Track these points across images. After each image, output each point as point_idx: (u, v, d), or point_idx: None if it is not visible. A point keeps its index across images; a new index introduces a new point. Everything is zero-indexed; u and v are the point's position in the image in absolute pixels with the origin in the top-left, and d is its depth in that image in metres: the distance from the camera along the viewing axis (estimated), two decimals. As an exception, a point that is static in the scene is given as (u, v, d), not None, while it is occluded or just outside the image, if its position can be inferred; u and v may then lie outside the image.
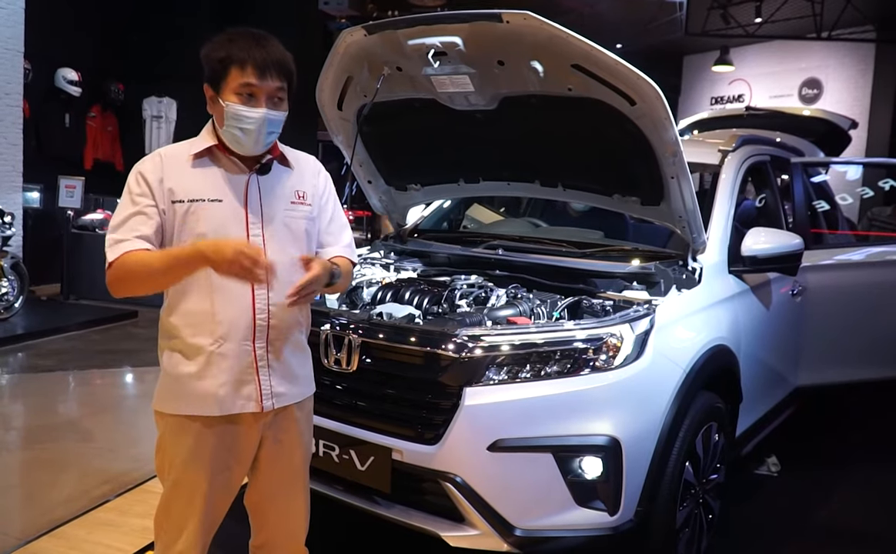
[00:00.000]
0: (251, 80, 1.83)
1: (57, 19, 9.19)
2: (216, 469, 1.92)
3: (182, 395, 1.89)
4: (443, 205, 4.22)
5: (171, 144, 1.95)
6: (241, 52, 1.83)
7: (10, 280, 7.04)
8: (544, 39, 2.53)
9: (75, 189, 8.45)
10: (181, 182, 1.86)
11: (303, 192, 2.01)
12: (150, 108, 10.51)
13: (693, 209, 2.88)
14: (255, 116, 1.84)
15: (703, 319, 2.91)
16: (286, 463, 2.05)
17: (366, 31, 2.82)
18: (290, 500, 2.09)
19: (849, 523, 3.58)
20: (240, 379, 1.89)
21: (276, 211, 1.94)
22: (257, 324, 1.89)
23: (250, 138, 1.86)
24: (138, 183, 1.85)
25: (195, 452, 1.90)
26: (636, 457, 2.45)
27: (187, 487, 1.92)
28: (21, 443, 4.39)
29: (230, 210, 1.88)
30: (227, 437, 1.92)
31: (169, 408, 1.92)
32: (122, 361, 6.21)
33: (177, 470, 1.92)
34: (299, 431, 2.07)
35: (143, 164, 1.88)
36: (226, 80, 1.84)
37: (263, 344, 1.91)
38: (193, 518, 1.92)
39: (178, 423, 1.91)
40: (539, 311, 2.82)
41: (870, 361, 4.18)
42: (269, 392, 1.94)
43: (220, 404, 1.88)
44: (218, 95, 1.86)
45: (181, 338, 1.89)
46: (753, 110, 5.52)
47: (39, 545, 3.03)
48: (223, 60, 1.84)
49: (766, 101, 11.76)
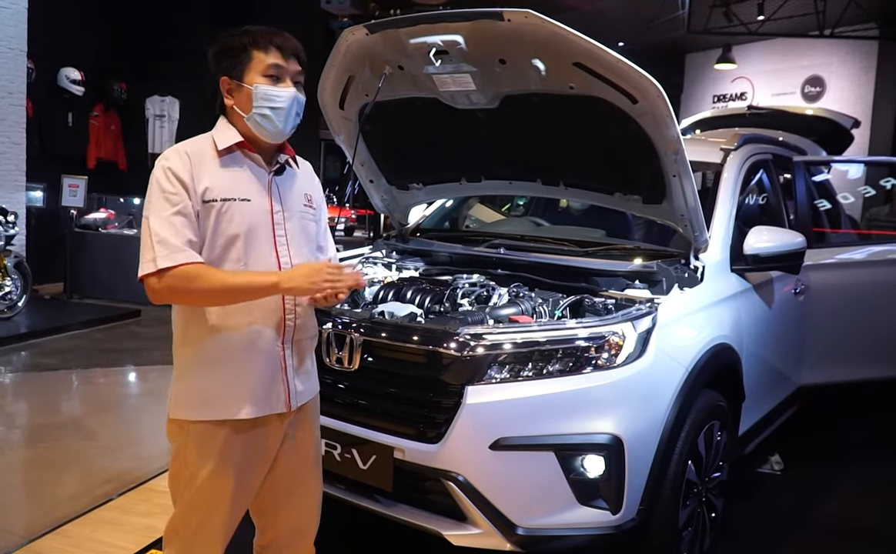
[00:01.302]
0: (278, 60, 1.85)
1: (60, 19, 9.21)
2: (242, 474, 1.89)
3: (212, 400, 1.84)
4: (445, 204, 4.22)
5: (188, 140, 1.88)
6: (262, 38, 1.86)
7: (14, 279, 7.05)
8: (546, 37, 2.53)
9: (78, 188, 8.47)
10: (213, 180, 1.82)
11: (310, 196, 2.03)
12: (153, 107, 10.53)
13: (695, 207, 2.87)
14: (286, 95, 1.86)
15: (706, 318, 2.91)
16: (301, 459, 2.05)
17: (367, 30, 2.82)
18: (304, 496, 2.08)
19: (852, 522, 3.57)
20: (271, 380, 1.89)
21: (294, 212, 1.95)
22: (286, 325, 1.90)
23: (281, 117, 1.85)
24: (170, 180, 1.78)
25: (223, 458, 1.85)
26: (638, 455, 2.45)
27: (211, 494, 1.87)
28: (24, 441, 4.40)
29: (258, 210, 1.87)
30: (255, 440, 1.90)
31: (196, 415, 1.85)
32: (125, 360, 6.23)
33: (201, 479, 1.85)
34: (311, 427, 2.08)
35: (169, 161, 1.81)
36: (250, 65, 1.85)
37: (290, 344, 1.92)
38: (215, 525, 1.89)
39: (204, 430, 1.85)
40: (541, 309, 2.82)
41: (872, 360, 4.18)
42: (295, 391, 1.94)
43: (254, 406, 1.86)
44: (241, 82, 1.85)
45: (209, 341, 1.84)
46: (755, 109, 5.51)
47: (43, 543, 3.03)
48: (245, 46, 1.85)
49: (769, 99, 11.74)
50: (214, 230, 1.81)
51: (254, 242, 1.85)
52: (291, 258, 1.91)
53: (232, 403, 1.84)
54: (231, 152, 1.88)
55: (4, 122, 7.67)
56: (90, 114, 9.99)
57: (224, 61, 1.87)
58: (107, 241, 8.74)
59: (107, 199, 9.33)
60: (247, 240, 1.83)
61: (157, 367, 6.03)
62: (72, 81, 9.35)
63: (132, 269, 6.68)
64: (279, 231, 1.89)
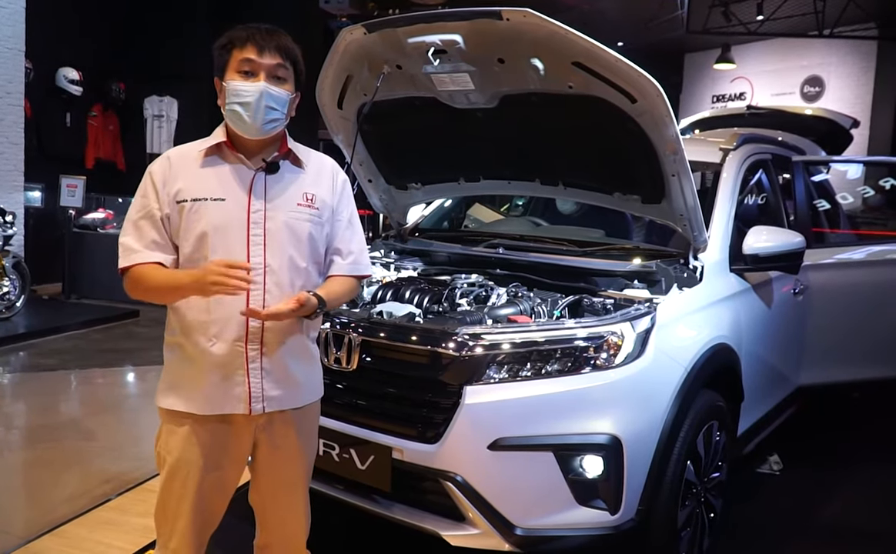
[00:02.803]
0: (250, 55, 1.86)
1: (58, 18, 9.20)
2: (208, 466, 1.93)
3: (176, 390, 1.93)
4: (443, 204, 4.21)
5: (184, 144, 1.96)
6: (242, 33, 1.89)
7: (12, 279, 7.05)
8: (544, 37, 2.52)
9: (77, 188, 8.46)
10: (187, 182, 1.87)
11: (311, 195, 1.97)
12: (152, 107, 10.51)
13: (694, 207, 2.87)
14: (253, 89, 1.85)
15: (705, 318, 2.91)
16: (285, 470, 2.04)
17: (366, 30, 2.81)
18: (289, 505, 2.08)
19: (852, 522, 3.57)
20: (230, 379, 1.88)
21: (280, 211, 1.91)
22: (250, 325, 1.87)
23: (249, 112, 1.85)
24: (146, 185, 1.90)
25: (187, 446, 1.92)
26: (637, 455, 2.45)
27: (180, 480, 1.94)
28: (23, 442, 4.39)
29: (233, 208, 1.87)
30: (219, 436, 1.93)
31: (164, 403, 1.95)
32: (123, 360, 6.22)
33: (171, 464, 1.95)
34: (299, 438, 2.03)
35: (153, 165, 1.93)
36: (229, 63, 1.88)
37: (257, 346, 1.89)
38: (185, 514, 1.94)
39: (172, 418, 1.95)
40: (540, 309, 2.82)
41: (872, 360, 4.17)
42: (260, 395, 1.90)
43: (208, 403, 1.89)
44: (223, 80, 1.89)
45: (179, 335, 1.92)
46: (755, 109, 5.51)
47: (41, 544, 3.03)
48: (226, 45, 1.89)
49: (768, 99, 11.74)
50: (186, 229, 1.87)
51: (224, 241, 1.85)
52: (266, 257, 1.88)
53: (190, 396, 1.90)
54: (214, 153, 1.91)
55: (2, 123, 7.66)
56: (88, 114, 9.98)
57: (215, 62, 1.92)
58: (105, 241, 8.72)
59: (105, 199, 9.32)
60: (215, 237, 1.85)
61: (155, 367, 6.01)
62: (70, 81, 9.34)
63: (130, 269, 6.43)
64: (255, 230, 1.88)
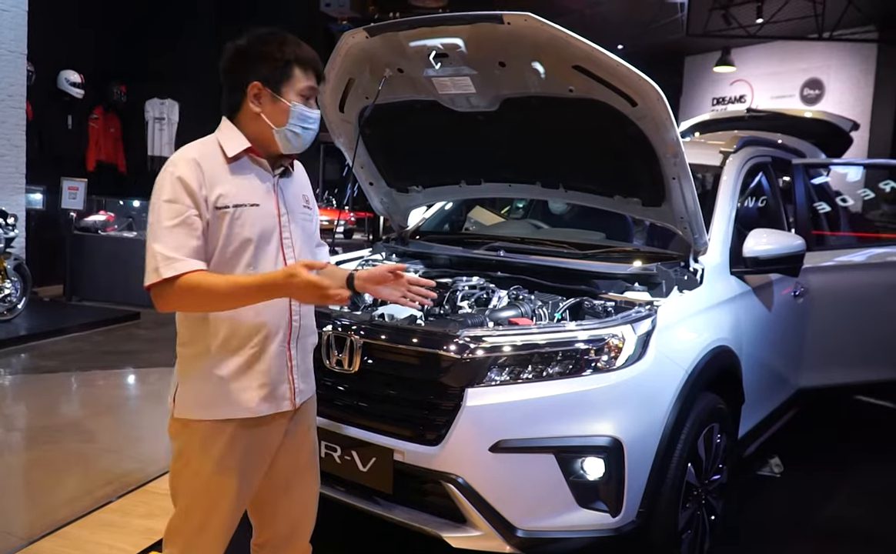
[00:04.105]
0: (314, 83, 1.93)
1: (60, 21, 9.22)
2: (244, 471, 1.91)
3: (218, 399, 1.85)
4: (444, 206, 4.22)
5: (194, 147, 1.86)
6: (304, 54, 1.91)
7: (14, 281, 7.05)
8: (545, 40, 2.53)
9: (78, 191, 8.46)
10: (223, 187, 1.81)
11: (307, 197, 2.08)
12: (153, 109, 10.54)
13: (694, 210, 2.88)
14: (317, 116, 1.95)
15: (705, 320, 2.91)
16: (298, 456, 2.07)
17: (367, 33, 2.82)
18: (301, 493, 2.10)
19: (852, 525, 3.57)
20: (278, 379, 1.92)
21: (295, 215, 1.98)
22: (293, 325, 1.94)
23: (309, 136, 1.94)
24: (176, 189, 1.77)
25: (227, 456, 1.87)
26: (638, 458, 2.45)
27: (214, 492, 1.88)
28: (24, 444, 4.40)
29: (267, 214, 1.89)
30: (259, 438, 1.93)
31: (201, 414, 1.86)
32: (124, 362, 6.22)
33: (204, 477, 1.87)
34: (309, 426, 2.11)
35: (177, 168, 1.79)
36: (289, 81, 1.88)
37: (296, 344, 1.96)
38: (218, 524, 1.90)
39: (209, 429, 1.86)
40: (541, 312, 2.83)
41: (872, 362, 4.18)
42: (299, 390, 1.98)
43: (261, 405, 1.88)
44: (278, 95, 1.87)
45: (215, 341, 1.85)
46: (755, 112, 5.51)
47: (43, 546, 3.03)
48: (288, 61, 1.87)
49: (768, 102, 11.76)
50: (227, 236, 1.82)
51: (264, 247, 1.87)
52: (296, 259, 1.94)
53: (240, 401, 1.86)
54: (239, 158, 1.88)
55: (4, 125, 7.67)
56: (90, 116, 10.01)
57: (259, 66, 1.86)
58: (106, 243, 8.74)
59: (106, 201, 9.33)
60: (258, 244, 1.85)
61: (156, 369, 6.03)
62: (71, 84, 9.35)
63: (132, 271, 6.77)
64: (286, 234, 1.93)
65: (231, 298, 1.77)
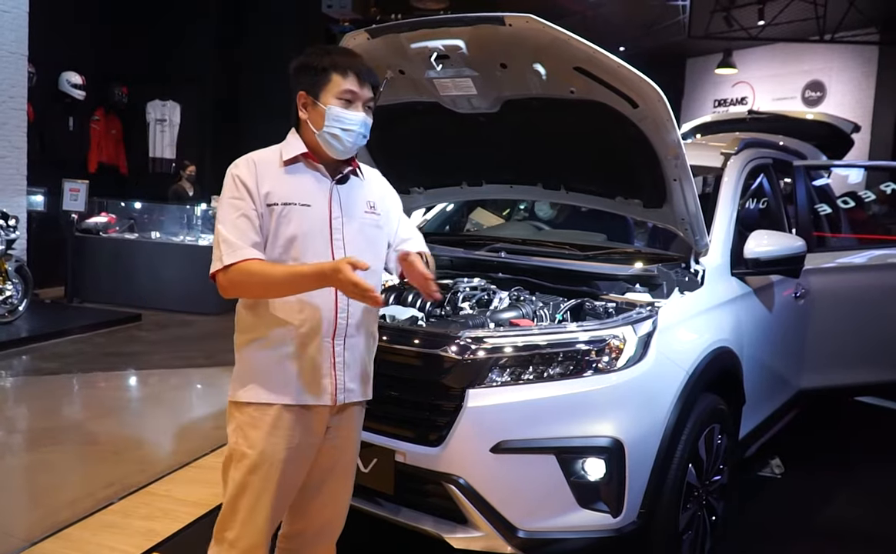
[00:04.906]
0: (353, 87, 1.98)
1: (61, 23, 9.24)
2: (289, 460, 1.99)
3: (261, 384, 1.97)
4: (446, 208, 4.23)
5: (257, 151, 2.02)
6: (344, 61, 1.99)
7: (15, 283, 7.06)
8: (546, 42, 2.54)
9: (79, 192, 8.48)
10: (274, 186, 1.96)
11: (373, 203, 2.14)
12: (154, 111, 10.56)
13: (695, 212, 2.88)
14: (357, 119, 1.99)
15: (706, 321, 2.91)
16: (338, 457, 2.13)
17: (369, 35, 2.82)
18: (333, 495, 2.16)
19: (853, 526, 3.57)
20: (318, 372, 1.99)
21: (354, 219, 2.06)
22: (338, 322, 2.00)
23: (350, 138, 1.99)
24: (237, 187, 1.95)
25: (272, 437, 1.97)
26: (639, 458, 2.45)
27: (261, 474, 1.96)
28: (26, 445, 4.40)
29: (317, 215, 1.99)
30: (303, 423, 2.00)
31: (247, 396, 1.99)
32: (126, 364, 6.23)
33: (254, 454, 1.96)
34: (354, 430, 2.16)
35: (237, 169, 1.97)
36: (327, 86, 1.98)
37: (342, 341, 2.02)
38: (263, 510, 1.98)
39: (255, 412, 1.98)
40: (542, 313, 2.83)
41: (873, 363, 4.18)
42: (343, 387, 2.03)
43: (298, 394, 1.97)
44: (317, 100, 1.98)
45: (263, 330, 1.98)
46: (756, 114, 5.51)
47: (44, 547, 3.04)
48: (326, 68, 1.98)
49: (770, 104, 11.76)
50: (275, 231, 1.96)
51: (311, 244, 1.97)
52: None
53: (279, 388, 1.97)
54: (295, 162, 2.01)
55: (6, 127, 7.68)
56: (91, 118, 10.02)
57: (304, 77, 2.01)
58: (108, 245, 8.75)
59: (108, 203, 9.33)
60: (304, 241, 1.96)
61: (157, 371, 6.03)
62: (73, 85, 9.37)
63: (133, 273, 6.81)
64: (336, 235, 2.01)
65: (285, 284, 1.91)
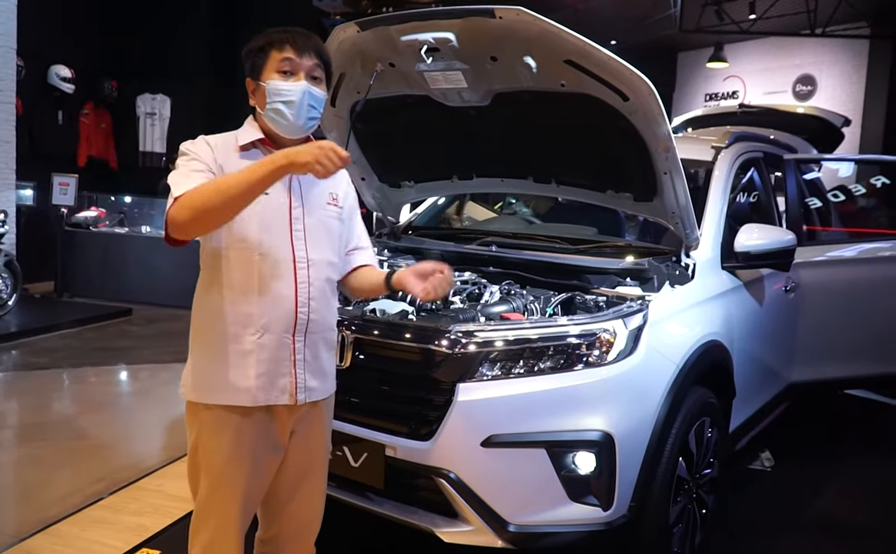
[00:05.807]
0: (290, 55, 1.89)
1: (50, 16, 9.16)
2: (256, 461, 1.93)
3: (219, 385, 1.89)
4: (437, 202, 4.22)
5: (214, 134, 1.95)
6: (280, 35, 1.92)
7: (4, 278, 7.02)
8: (537, 35, 2.53)
9: (69, 186, 8.42)
10: (231, 169, 1.85)
11: (336, 195, 2.07)
12: (144, 105, 10.49)
13: (686, 205, 2.88)
14: (296, 88, 1.89)
15: (697, 315, 2.92)
16: (309, 456, 2.07)
17: (359, 28, 2.81)
18: (307, 496, 2.10)
19: (843, 518, 3.60)
20: (277, 371, 1.92)
21: (315, 209, 1.99)
22: (298, 318, 1.93)
23: (292, 111, 1.89)
24: (190, 152, 1.87)
25: (235, 445, 1.90)
26: (629, 452, 2.46)
27: (227, 482, 1.91)
28: (15, 441, 4.38)
29: (275, 203, 1.91)
30: (264, 427, 1.94)
31: (205, 398, 1.91)
32: (116, 359, 6.21)
33: (216, 468, 1.91)
34: (323, 427, 2.11)
35: (192, 144, 1.90)
36: (267, 64, 1.91)
37: (302, 338, 1.94)
38: (233, 515, 1.92)
39: (216, 417, 1.91)
40: (532, 307, 2.82)
41: (863, 357, 4.20)
42: (304, 386, 1.96)
43: (256, 395, 1.90)
44: (259, 80, 1.92)
45: (221, 328, 1.90)
46: (747, 107, 5.53)
47: (33, 543, 3.02)
48: (263, 47, 1.92)
49: (761, 98, 11.77)
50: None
51: (270, 234, 1.90)
52: (308, 253, 1.95)
53: (237, 389, 1.89)
54: (251, 148, 1.93)
55: (-6, 121, 7.62)
56: (81, 112, 9.94)
57: (247, 63, 1.96)
58: (98, 239, 8.71)
59: (97, 197, 9.27)
60: (262, 229, 1.88)
61: (147, 365, 6.01)
62: (62, 79, 9.29)
63: (123, 267, 6.77)
64: (297, 226, 1.94)
65: (242, 182, 1.71)
